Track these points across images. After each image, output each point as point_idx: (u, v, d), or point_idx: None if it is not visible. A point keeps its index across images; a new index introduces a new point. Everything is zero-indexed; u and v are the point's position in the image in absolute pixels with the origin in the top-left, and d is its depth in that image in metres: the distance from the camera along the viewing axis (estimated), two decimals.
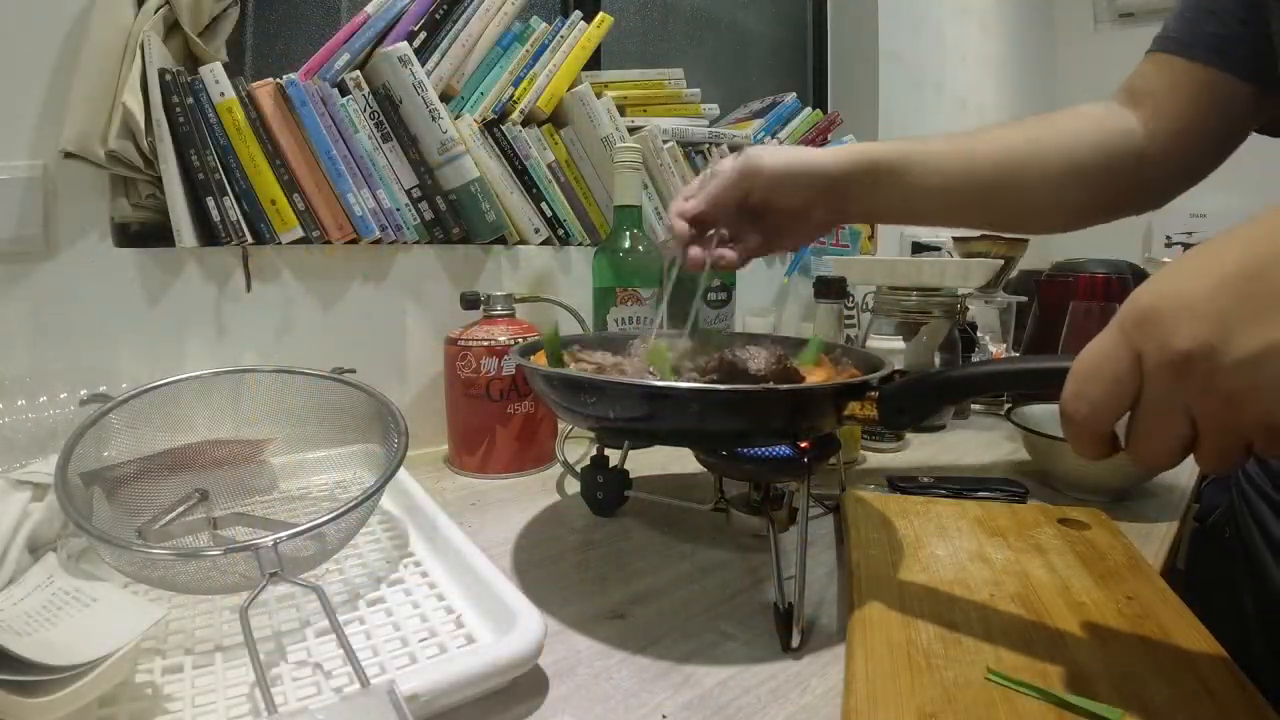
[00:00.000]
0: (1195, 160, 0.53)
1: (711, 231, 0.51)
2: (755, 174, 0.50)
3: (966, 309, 0.92)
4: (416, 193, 0.74)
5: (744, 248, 0.52)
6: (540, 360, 0.50)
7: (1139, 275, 1.10)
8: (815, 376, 0.49)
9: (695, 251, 0.50)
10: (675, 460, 0.71)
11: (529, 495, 0.63)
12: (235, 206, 0.63)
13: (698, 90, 1.01)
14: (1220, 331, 0.24)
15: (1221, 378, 0.24)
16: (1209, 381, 0.24)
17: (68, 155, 0.55)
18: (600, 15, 0.90)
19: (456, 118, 0.78)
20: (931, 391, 0.39)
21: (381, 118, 0.72)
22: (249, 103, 0.64)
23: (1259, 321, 0.23)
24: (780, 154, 0.50)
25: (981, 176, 0.52)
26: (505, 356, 0.66)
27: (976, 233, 1.20)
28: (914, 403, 0.39)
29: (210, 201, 0.61)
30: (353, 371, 0.53)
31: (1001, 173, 0.52)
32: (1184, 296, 0.25)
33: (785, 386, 0.40)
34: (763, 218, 0.53)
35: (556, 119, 0.89)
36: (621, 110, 0.92)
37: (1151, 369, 0.26)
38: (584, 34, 0.88)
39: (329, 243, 0.69)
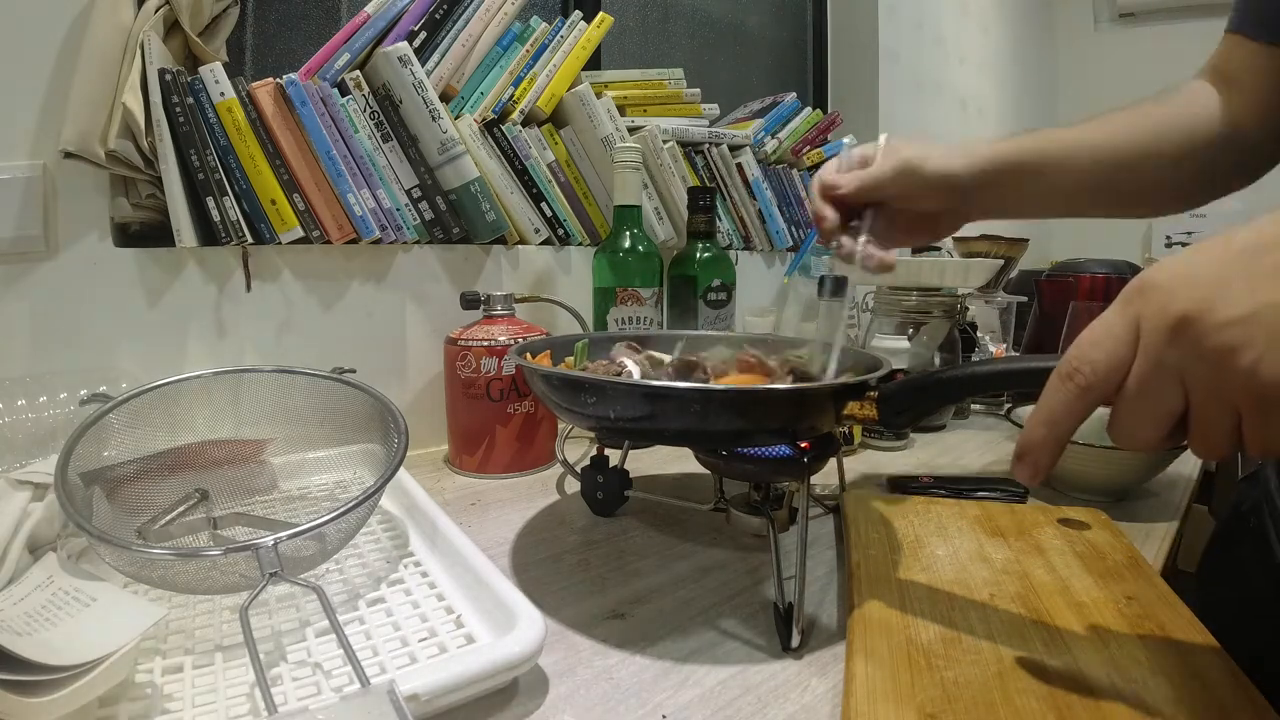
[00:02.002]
0: None
1: (855, 223, 0.48)
2: (913, 174, 0.48)
3: (966, 309, 0.92)
4: (416, 193, 0.74)
5: (881, 243, 0.50)
6: (542, 361, 0.50)
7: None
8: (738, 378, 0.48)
9: (847, 243, 0.48)
10: (675, 460, 0.71)
11: (529, 495, 0.63)
12: (235, 206, 0.63)
13: (698, 90, 1.01)
14: (1217, 293, 0.25)
15: (1213, 336, 0.24)
16: (1201, 343, 0.25)
17: (68, 155, 0.55)
18: (600, 15, 0.90)
19: (456, 118, 0.78)
20: (931, 391, 0.39)
21: (381, 118, 0.72)
22: (249, 103, 0.64)
23: (1256, 285, 0.24)
24: (937, 158, 0.48)
25: (1106, 166, 0.51)
26: (505, 356, 0.66)
27: (976, 233, 1.20)
28: (914, 403, 0.39)
29: (210, 201, 0.61)
30: (353, 371, 0.53)
31: (1124, 160, 0.51)
32: (1188, 268, 0.26)
33: (785, 386, 0.40)
34: (891, 214, 0.50)
35: (556, 119, 0.89)
36: (621, 110, 0.92)
37: (1148, 331, 0.26)
38: (584, 34, 0.88)
39: (329, 243, 0.69)
